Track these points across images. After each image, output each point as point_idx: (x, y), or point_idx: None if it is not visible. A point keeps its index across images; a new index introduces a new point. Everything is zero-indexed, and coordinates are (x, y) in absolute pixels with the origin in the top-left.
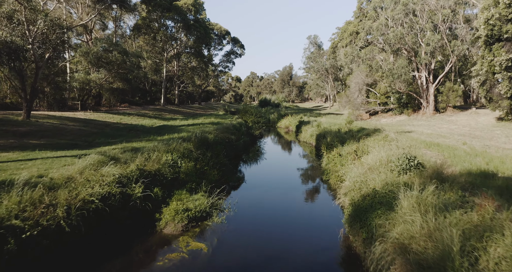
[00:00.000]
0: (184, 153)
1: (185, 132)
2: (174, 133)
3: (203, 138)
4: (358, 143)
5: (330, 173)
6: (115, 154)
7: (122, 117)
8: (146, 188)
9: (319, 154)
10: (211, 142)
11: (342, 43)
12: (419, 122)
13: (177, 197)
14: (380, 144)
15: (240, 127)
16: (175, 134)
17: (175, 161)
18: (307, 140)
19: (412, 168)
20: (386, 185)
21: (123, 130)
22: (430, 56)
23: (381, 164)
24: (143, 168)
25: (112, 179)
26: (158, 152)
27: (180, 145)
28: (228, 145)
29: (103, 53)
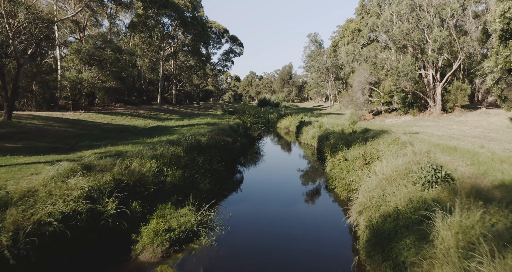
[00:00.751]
0: (171, 160)
1: (177, 134)
2: (166, 135)
3: (194, 141)
4: (365, 146)
5: (336, 181)
6: (90, 162)
7: (114, 118)
8: (123, 203)
9: (322, 158)
10: (204, 145)
11: (343, 41)
12: (426, 123)
13: (160, 213)
14: (391, 148)
15: (237, 128)
16: (166, 136)
17: (160, 168)
18: (309, 142)
19: (439, 181)
20: (411, 203)
21: (112, 131)
22: (437, 53)
23: (398, 174)
24: (121, 179)
25: (80, 193)
26: (140, 159)
27: (168, 149)
28: (224, 148)
29: (95, 50)
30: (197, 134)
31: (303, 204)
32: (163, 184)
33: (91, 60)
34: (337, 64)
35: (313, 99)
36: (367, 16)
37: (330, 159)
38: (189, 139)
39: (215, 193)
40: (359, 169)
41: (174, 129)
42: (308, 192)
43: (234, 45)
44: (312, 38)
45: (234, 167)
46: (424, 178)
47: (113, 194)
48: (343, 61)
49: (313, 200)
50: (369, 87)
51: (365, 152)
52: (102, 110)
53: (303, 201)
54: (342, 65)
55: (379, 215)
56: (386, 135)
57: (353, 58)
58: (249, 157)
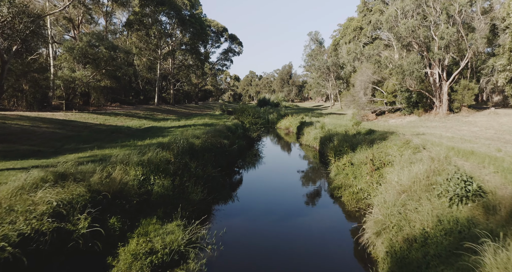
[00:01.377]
0: (159, 166)
1: (171, 136)
2: (159, 136)
3: (187, 145)
4: (372, 148)
5: (342, 188)
6: (66, 169)
7: (108, 118)
8: (98, 219)
9: (325, 161)
10: (198, 149)
11: (344, 39)
12: (432, 124)
13: (142, 230)
14: (402, 152)
15: (235, 129)
16: (159, 139)
17: (147, 176)
18: (310, 144)
19: (471, 195)
20: (440, 224)
21: (103, 132)
22: (444, 51)
23: (419, 184)
24: (99, 189)
25: (46, 208)
26: (125, 165)
27: (157, 154)
28: (220, 151)
29: (89, 48)
30: (191, 136)
31: (306, 216)
32: (149, 194)
33: (85, 58)
34: (338, 63)
35: (313, 99)
36: (369, 13)
37: (335, 163)
38: (180, 142)
39: (208, 203)
40: (367, 175)
41: (168, 130)
42: (312, 201)
43: (233, 44)
44: (312, 37)
45: (231, 172)
46: (452, 192)
47: (88, 209)
48: (344, 60)
49: (318, 212)
50: (371, 87)
51: (373, 156)
52: (97, 110)
53: (306, 213)
54: (343, 64)
55: (402, 239)
56: (393, 137)
57: (354, 57)
58: (248, 160)
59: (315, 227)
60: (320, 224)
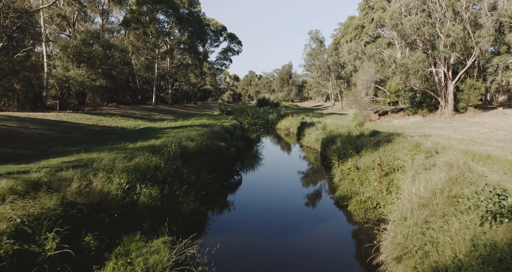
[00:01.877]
0: (147, 173)
1: (165, 138)
2: (152, 138)
3: (179, 148)
4: (378, 151)
5: (348, 195)
6: (40, 178)
7: (102, 118)
8: (70, 238)
9: (327, 164)
10: (192, 152)
11: (346, 38)
12: (438, 124)
13: (123, 249)
14: (413, 156)
15: (233, 130)
16: (152, 141)
17: (132, 185)
18: (312, 145)
19: (505, 211)
20: (475, 249)
21: (95, 134)
22: (450, 49)
23: (440, 197)
24: (75, 201)
25: (7, 227)
26: (107, 172)
27: (146, 160)
28: (216, 154)
29: (83, 47)
30: (186, 139)
31: (310, 229)
32: (134, 205)
33: (80, 57)
34: (339, 63)
35: (313, 99)
36: (371, 11)
37: (338, 167)
38: (171, 146)
39: (201, 214)
40: (375, 181)
41: (163, 132)
42: (315, 210)
43: (233, 43)
44: (313, 35)
45: (228, 177)
46: (484, 207)
47: (58, 225)
48: (345, 59)
49: (322, 223)
50: (374, 86)
51: (381, 161)
52: (93, 110)
53: (309, 225)
54: (344, 63)
55: (430, 268)
56: (400, 139)
57: (355, 56)
58: (246, 163)
59: (320, 242)
60: (325, 240)
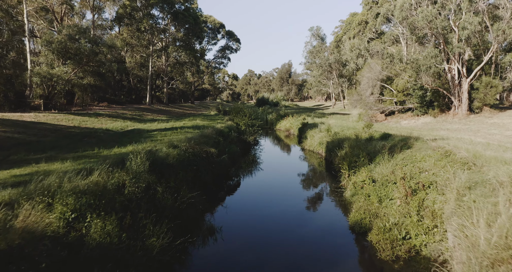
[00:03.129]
0: (103, 196)
1: (149, 142)
2: (136, 142)
3: (151, 159)
4: (395, 158)
5: (365, 219)
6: None
7: (87, 119)
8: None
9: (334, 171)
10: (173, 162)
11: (348, 34)
12: (453, 126)
13: None
14: (443, 167)
15: (228, 132)
16: (131, 147)
17: (81, 213)
18: (315, 149)
19: None
20: None
21: (73, 137)
22: (465, 43)
23: None
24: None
25: None
26: (47, 196)
27: (109, 176)
28: (205, 163)
29: (69, 42)
30: (169, 145)
31: (322, 270)
32: (79, 244)
33: (66, 53)
34: (341, 60)
35: (313, 98)
36: (375, 6)
37: (349, 178)
38: (142, 158)
39: (176, 251)
40: (398, 199)
41: (150, 134)
42: (327, 241)
43: (231, 40)
44: (314, 32)
45: (218, 191)
46: None
47: None
48: (347, 57)
49: (336, 262)
50: (380, 84)
51: (404, 173)
52: (81, 110)
53: (319, 263)
54: (346, 61)
55: None
56: (419, 144)
57: (358, 54)
58: (241, 171)
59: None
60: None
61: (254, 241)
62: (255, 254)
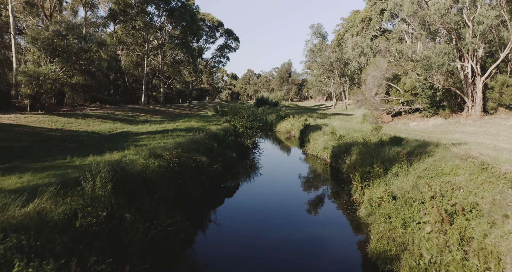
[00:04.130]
0: (41, 233)
1: (132, 149)
2: (117, 149)
3: (124, 176)
4: (415, 168)
5: (390, 251)
6: None
7: (74, 121)
8: None
9: (342, 181)
10: (152, 177)
11: (351, 32)
12: (468, 128)
13: None
14: (482, 183)
15: (224, 135)
16: (107, 156)
17: (7, 261)
18: (319, 154)
19: None
20: None
21: (52, 142)
22: (480, 39)
23: None
24: None
25: None
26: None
27: (57, 202)
28: (194, 174)
29: (56, 39)
30: (149, 155)
31: None
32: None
33: (54, 50)
34: (343, 59)
35: (314, 98)
36: (379, 2)
37: (362, 191)
38: (97, 180)
39: None
40: (430, 225)
41: (137, 138)
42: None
43: (230, 39)
44: (315, 30)
45: (207, 209)
46: None
47: None
48: (350, 56)
49: None
50: (386, 84)
51: (433, 191)
52: (71, 110)
53: None
54: (348, 60)
55: None
56: (442, 151)
57: (360, 52)
58: (237, 181)
59: None
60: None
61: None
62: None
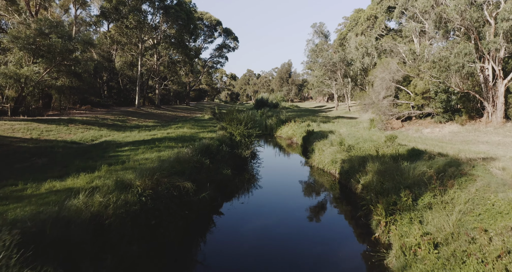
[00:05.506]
0: None
1: (102, 172)
2: (86, 169)
3: (57, 237)
4: (444, 193)
5: None
6: None
7: (54, 128)
8: None
9: (357, 205)
10: (110, 224)
11: (356, 30)
12: (491, 137)
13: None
14: None
15: (218, 147)
16: (68, 180)
17: None
18: (326, 168)
19: None
20: None
21: (17, 156)
22: (503, 38)
23: None
24: None
25: None
26: None
27: None
28: (174, 206)
29: (39, 38)
30: (116, 184)
31: None
32: None
33: (38, 50)
34: (346, 59)
35: (314, 99)
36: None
37: (386, 228)
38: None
39: None
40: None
41: (118, 151)
42: None
43: (228, 39)
44: (317, 29)
45: (187, 259)
46: None
47: None
48: (353, 56)
49: None
50: (394, 86)
51: (500, 249)
52: (58, 114)
53: None
54: (351, 60)
55: None
56: (479, 172)
57: (364, 52)
58: (228, 208)
59: None
60: None
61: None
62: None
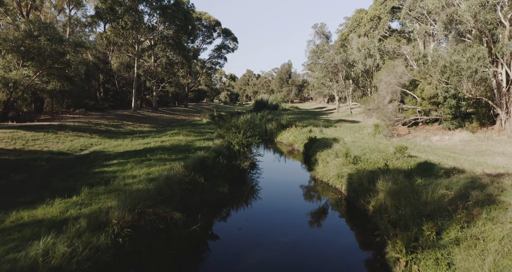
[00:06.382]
0: None
1: (86, 191)
2: (66, 191)
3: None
4: (471, 225)
5: None
6: None
7: (41, 136)
8: None
9: (367, 229)
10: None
11: (358, 31)
12: (506, 147)
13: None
14: None
15: (215, 158)
16: (39, 209)
17: None
18: (331, 182)
19: None
20: None
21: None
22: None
23: None
24: None
25: None
26: None
27: None
28: (158, 244)
29: (28, 40)
30: (89, 224)
31: None
32: None
33: (28, 53)
34: (348, 61)
35: (314, 100)
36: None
37: (407, 268)
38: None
39: None
40: None
41: (104, 166)
42: None
43: (227, 39)
44: (318, 30)
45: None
46: None
47: None
48: (355, 57)
49: None
50: (400, 90)
51: None
52: (51, 119)
53: None
54: (353, 62)
55: None
56: (508, 198)
57: (367, 54)
58: (222, 237)
59: None
60: None
61: None
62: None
